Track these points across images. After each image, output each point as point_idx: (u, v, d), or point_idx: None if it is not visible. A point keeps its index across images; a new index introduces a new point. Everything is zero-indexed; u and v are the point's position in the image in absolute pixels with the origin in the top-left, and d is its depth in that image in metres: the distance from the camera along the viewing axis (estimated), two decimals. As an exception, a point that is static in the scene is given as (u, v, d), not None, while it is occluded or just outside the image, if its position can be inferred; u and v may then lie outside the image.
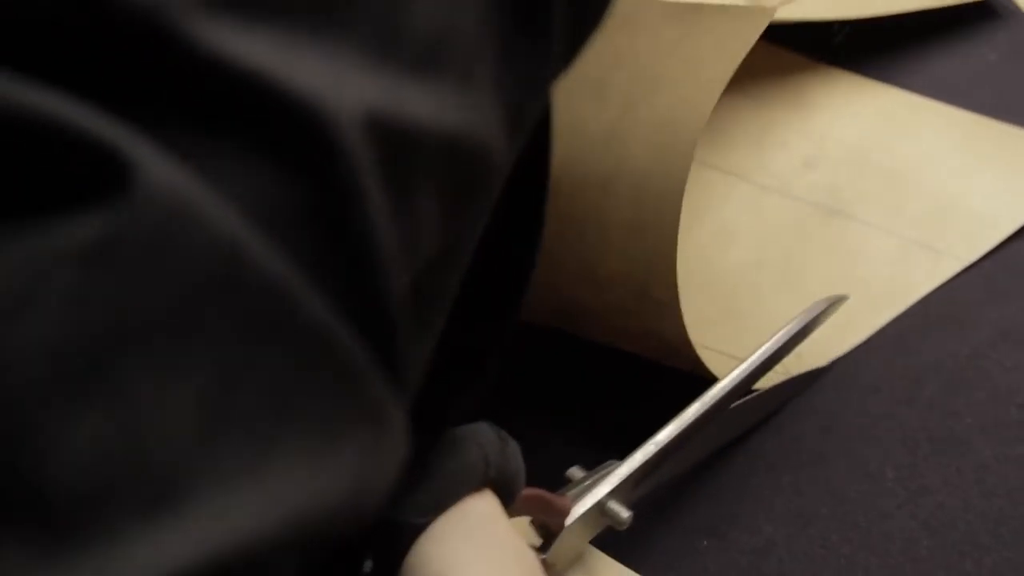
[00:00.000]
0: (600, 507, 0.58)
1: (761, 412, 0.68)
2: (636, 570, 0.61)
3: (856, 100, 0.86)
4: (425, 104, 0.30)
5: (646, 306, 0.63)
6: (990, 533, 0.60)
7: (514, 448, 0.49)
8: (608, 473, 0.59)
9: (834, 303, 0.69)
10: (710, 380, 0.62)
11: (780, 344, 0.65)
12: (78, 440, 0.24)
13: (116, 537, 0.24)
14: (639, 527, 0.58)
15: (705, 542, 0.62)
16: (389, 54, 0.30)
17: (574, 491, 0.58)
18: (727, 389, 0.62)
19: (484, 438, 0.46)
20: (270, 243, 0.26)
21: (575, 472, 0.60)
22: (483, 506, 0.46)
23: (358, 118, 0.28)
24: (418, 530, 0.43)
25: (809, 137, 0.82)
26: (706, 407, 0.61)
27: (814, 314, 0.68)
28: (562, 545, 0.57)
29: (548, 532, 0.57)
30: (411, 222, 0.31)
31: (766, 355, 0.65)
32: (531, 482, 0.57)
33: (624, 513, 0.58)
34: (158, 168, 0.25)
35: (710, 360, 0.65)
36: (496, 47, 0.33)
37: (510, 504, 0.48)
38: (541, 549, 0.57)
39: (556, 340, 0.71)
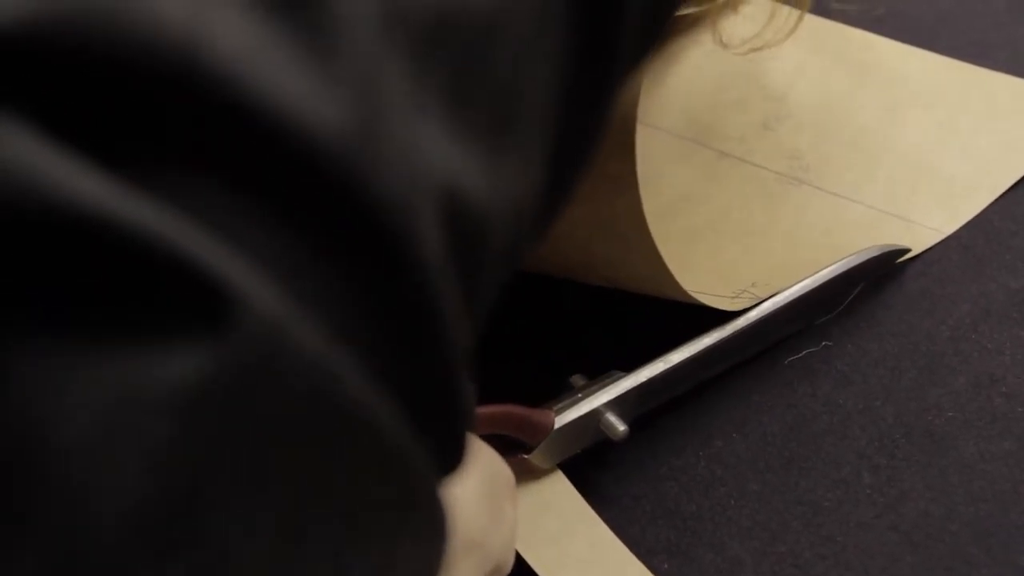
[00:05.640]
0: (596, 416, 0.56)
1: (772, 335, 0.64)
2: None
3: (821, 47, 0.78)
4: (493, 175, 0.29)
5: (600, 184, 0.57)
6: (979, 544, 0.55)
7: None
8: (611, 383, 0.57)
9: (890, 253, 0.64)
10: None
11: (816, 285, 0.61)
12: None
13: None
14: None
15: (666, 564, 0.56)
16: (465, 117, 0.28)
17: (572, 399, 0.56)
18: (751, 320, 0.60)
19: None
20: (357, 365, 0.25)
21: (576, 380, 0.59)
22: None
23: (434, 204, 0.27)
24: None
25: (769, 94, 0.75)
26: (726, 335, 0.59)
27: (860, 260, 0.63)
28: (548, 449, 0.56)
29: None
30: (476, 306, 0.30)
31: (798, 294, 0.61)
32: (532, 387, 0.55)
33: (621, 427, 0.56)
34: (260, 297, 0.23)
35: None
36: (561, 99, 0.32)
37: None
38: (527, 451, 0.56)
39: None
